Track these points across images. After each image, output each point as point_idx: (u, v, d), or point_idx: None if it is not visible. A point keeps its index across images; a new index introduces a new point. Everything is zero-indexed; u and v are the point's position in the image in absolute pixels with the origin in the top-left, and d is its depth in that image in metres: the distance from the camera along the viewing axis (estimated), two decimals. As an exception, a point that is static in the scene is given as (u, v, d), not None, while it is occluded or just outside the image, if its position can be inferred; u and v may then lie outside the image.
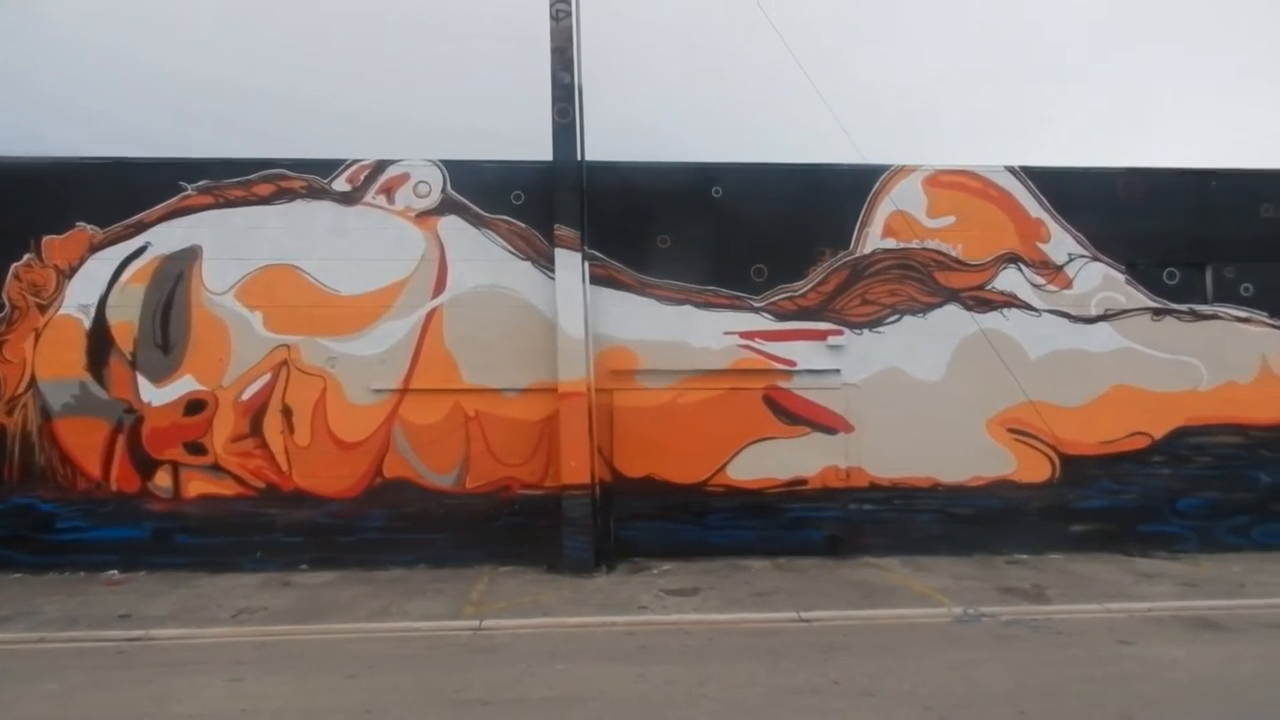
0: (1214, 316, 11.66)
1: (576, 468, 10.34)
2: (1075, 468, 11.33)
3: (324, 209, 11.00)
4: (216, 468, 10.69)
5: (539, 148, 11.03)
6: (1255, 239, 11.76)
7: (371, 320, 10.92)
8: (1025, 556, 10.86)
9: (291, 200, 10.99)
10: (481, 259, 11.07)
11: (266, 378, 10.79)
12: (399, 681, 6.19)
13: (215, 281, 10.84)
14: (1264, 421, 11.56)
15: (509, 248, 11.10)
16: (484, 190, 11.13)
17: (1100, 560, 10.65)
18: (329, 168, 11.07)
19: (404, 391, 10.87)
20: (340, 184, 11.03)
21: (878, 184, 11.47)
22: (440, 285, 11.04)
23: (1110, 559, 10.75)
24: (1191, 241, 11.74)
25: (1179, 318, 11.61)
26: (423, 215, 11.08)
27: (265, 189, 10.98)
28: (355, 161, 11.10)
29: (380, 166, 11.10)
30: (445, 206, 11.10)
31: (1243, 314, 11.68)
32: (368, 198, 11.03)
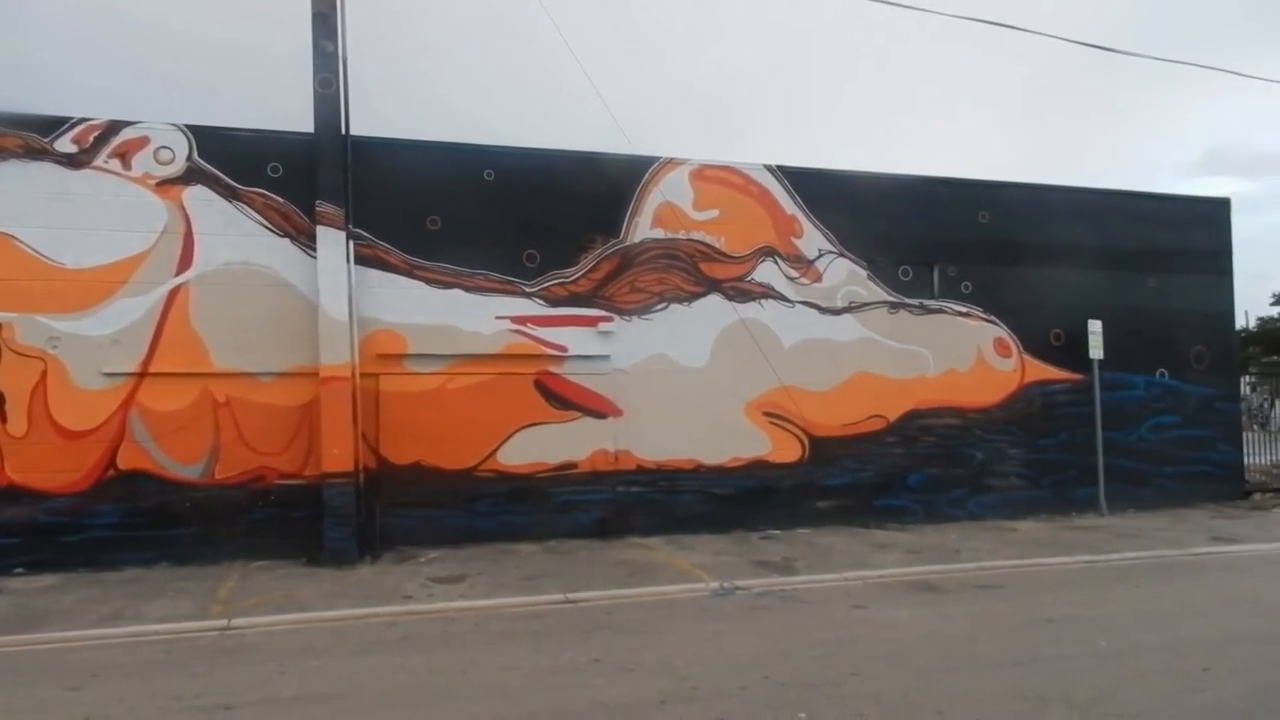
0: (940, 311, 12.98)
1: (339, 455, 9.91)
2: (822, 448, 12.26)
3: (44, 171, 9.77)
4: (-94, 462, 9.32)
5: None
6: (975, 242, 13.20)
7: (103, 297, 9.88)
8: (777, 532, 11.62)
9: (3, 160, 9.70)
10: (234, 234, 10.30)
11: (-28, 359, 9.51)
12: (128, 690, 5.67)
13: (-95, 248, 9.40)
14: (978, 405, 13.02)
15: (265, 223, 10.40)
16: (237, 160, 10.35)
17: (842, 533, 11.61)
18: (50, 126, 9.86)
19: (142, 375, 9.94)
20: (65, 144, 9.87)
21: (647, 175, 11.78)
22: (186, 260, 10.17)
23: (850, 531, 11.73)
24: (922, 242, 12.99)
25: (911, 311, 12.83)
26: (165, 184, 10.14)
27: (-31, 145, 9.63)
28: (83, 120, 9.97)
29: (114, 128, 10.03)
30: (192, 175, 10.22)
31: (963, 309, 13.08)
32: (98, 161, 9.94)
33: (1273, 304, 46.35)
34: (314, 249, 10.20)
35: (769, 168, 12.35)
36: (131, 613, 7.77)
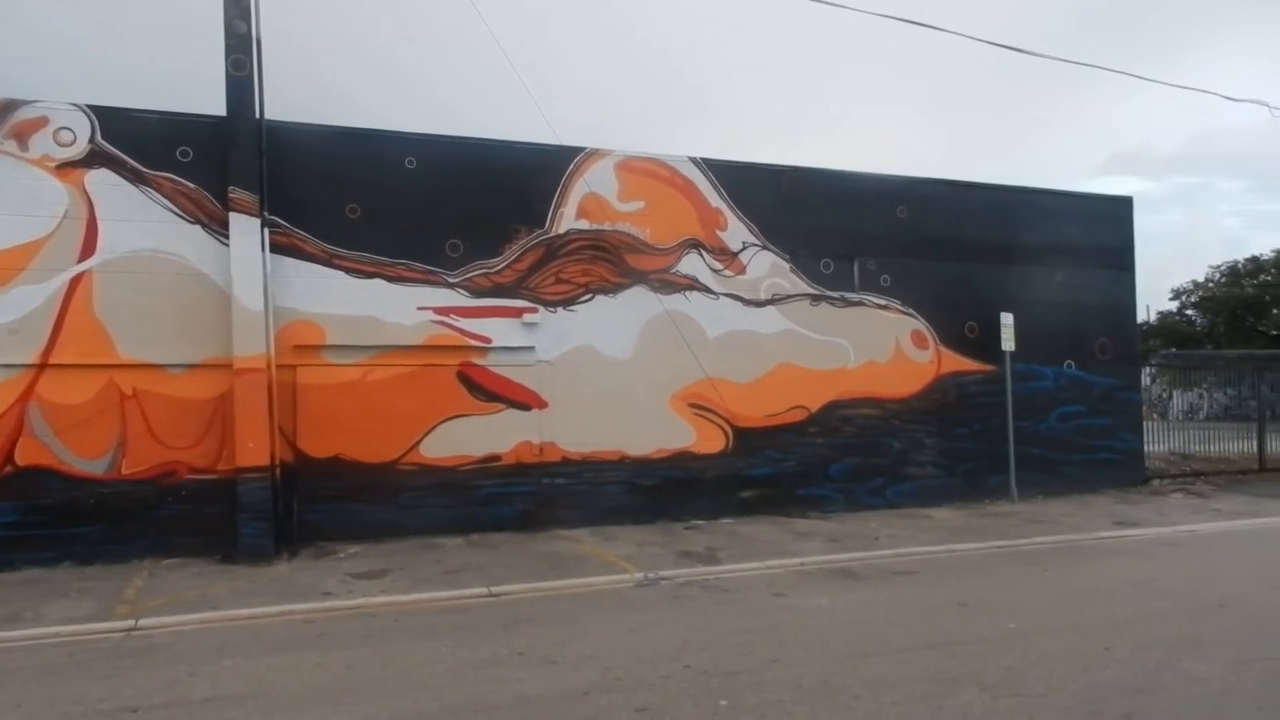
0: (860, 303, 13.24)
1: (254, 449, 9.64)
2: (746, 439, 12.40)
3: (-67, 151, 9.27)
4: None
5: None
6: (893, 236, 13.49)
7: (-1, 284, 9.41)
8: (701, 522, 11.71)
9: (-113, 137, 9.15)
10: (141, 220, 9.89)
11: None
12: (27, 695, 5.42)
13: None
14: (897, 395, 13.34)
15: (174, 209, 10.02)
16: (144, 143, 9.93)
17: (764, 522, 11.77)
18: (-60, 103, 9.35)
19: (42, 366, 9.49)
20: (-45, 123, 9.35)
21: (572, 165, 11.72)
22: (89, 247, 9.73)
23: (773, 521, 11.90)
24: (843, 236, 13.21)
25: (832, 304, 13.05)
26: (66, 167, 9.68)
27: None
28: (-25, 98, 9.47)
29: (9, 106, 9.52)
30: (95, 158, 9.77)
31: (882, 302, 13.37)
32: (-8, 141, 9.45)
33: (1171, 299, 48.72)
34: (227, 236, 9.88)
35: (694, 160, 12.41)
36: (31, 614, 7.43)
